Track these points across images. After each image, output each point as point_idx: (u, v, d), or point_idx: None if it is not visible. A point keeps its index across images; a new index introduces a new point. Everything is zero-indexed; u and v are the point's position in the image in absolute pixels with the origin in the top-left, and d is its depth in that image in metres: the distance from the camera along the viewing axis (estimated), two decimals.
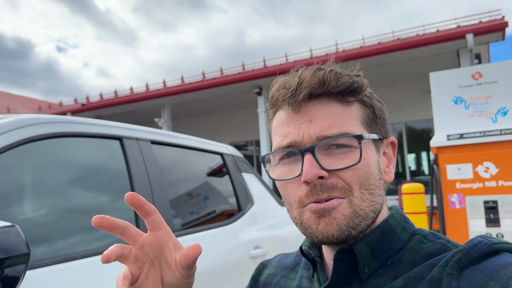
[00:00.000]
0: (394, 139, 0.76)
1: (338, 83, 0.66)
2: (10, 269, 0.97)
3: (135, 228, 0.62)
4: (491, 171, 3.58)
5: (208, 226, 2.28)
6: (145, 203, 0.61)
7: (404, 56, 9.01)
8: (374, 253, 0.67)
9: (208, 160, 2.70)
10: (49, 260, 1.40)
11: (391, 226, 0.71)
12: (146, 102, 12.01)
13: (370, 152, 0.68)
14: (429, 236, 0.69)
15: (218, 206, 2.62)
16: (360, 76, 0.70)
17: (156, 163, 2.08)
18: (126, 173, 1.88)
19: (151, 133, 2.18)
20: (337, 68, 0.69)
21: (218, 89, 11.25)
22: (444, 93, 3.98)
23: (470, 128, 3.78)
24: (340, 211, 0.64)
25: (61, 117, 1.69)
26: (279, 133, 0.70)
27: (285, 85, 0.69)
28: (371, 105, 0.71)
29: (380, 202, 0.69)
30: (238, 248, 2.40)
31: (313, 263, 0.77)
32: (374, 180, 0.67)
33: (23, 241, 1.00)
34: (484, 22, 8.12)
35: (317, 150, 0.65)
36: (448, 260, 0.60)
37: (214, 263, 2.13)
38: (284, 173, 0.69)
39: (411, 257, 0.66)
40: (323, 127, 0.65)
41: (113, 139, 1.90)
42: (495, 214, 3.51)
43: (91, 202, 1.74)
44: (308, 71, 0.67)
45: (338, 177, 0.64)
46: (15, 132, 1.45)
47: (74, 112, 12.79)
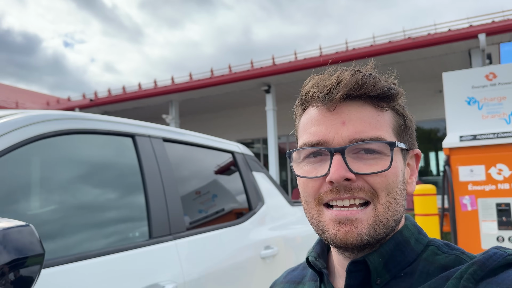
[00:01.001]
0: (419, 152, 0.76)
1: (376, 87, 0.65)
2: (25, 269, 0.95)
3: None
4: (504, 173, 3.54)
5: (218, 226, 2.26)
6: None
7: (415, 55, 8.94)
8: (387, 265, 0.66)
9: (219, 159, 2.67)
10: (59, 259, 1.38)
11: (405, 237, 0.70)
12: (154, 99, 12.03)
13: (399, 161, 0.68)
14: (443, 247, 0.68)
15: (227, 205, 2.60)
16: (395, 84, 0.70)
17: (168, 160, 2.06)
18: (139, 170, 1.86)
19: (164, 130, 2.16)
20: (375, 73, 0.68)
21: (226, 86, 11.24)
22: (457, 94, 3.94)
23: (483, 129, 3.74)
24: (364, 221, 0.63)
25: (73, 113, 1.66)
26: (309, 130, 0.69)
27: (321, 83, 0.68)
28: (403, 114, 0.71)
29: (402, 212, 0.69)
30: (249, 248, 2.38)
31: (320, 275, 0.76)
32: (400, 190, 0.67)
33: (38, 240, 0.98)
34: (497, 22, 8.03)
35: (347, 153, 0.64)
36: (463, 272, 0.59)
37: (225, 263, 2.11)
38: (308, 171, 0.68)
39: (425, 268, 0.65)
40: (357, 129, 0.64)
41: (126, 136, 1.88)
42: (507, 217, 3.48)
43: (104, 199, 1.72)
44: (347, 72, 0.67)
45: (365, 181, 0.64)
46: (27, 128, 1.43)
47: (82, 107, 12.84)
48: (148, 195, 1.83)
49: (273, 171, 11.22)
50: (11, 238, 0.94)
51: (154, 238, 1.77)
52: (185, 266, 1.82)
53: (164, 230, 1.83)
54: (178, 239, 1.89)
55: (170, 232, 1.86)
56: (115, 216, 1.74)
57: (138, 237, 1.75)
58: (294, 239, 2.93)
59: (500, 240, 3.51)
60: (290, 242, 2.88)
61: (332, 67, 0.71)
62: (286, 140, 14.40)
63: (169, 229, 1.86)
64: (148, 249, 1.70)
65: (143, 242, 1.71)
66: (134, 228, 1.79)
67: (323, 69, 0.72)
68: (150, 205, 1.81)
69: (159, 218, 1.83)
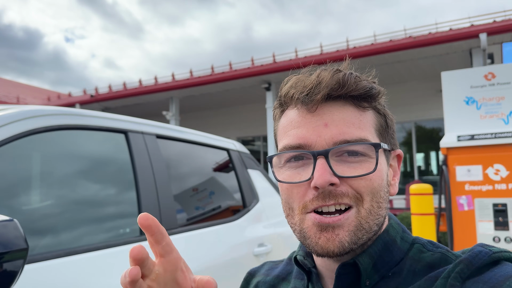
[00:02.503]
0: (400, 152, 0.75)
1: (357, 86, 0.64)
2: (8, 264, 0.95)
3: (151, 260, 0.54)
4: (502, 174, 3.53)
5: (213, 222, 2.26)
6: (160, 225, 0.53)
7: (416, 55, 8.92)
8: (376, 265, 0.66)
9: (214, 156, 2.67)
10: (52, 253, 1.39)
11: (391, 236, 0.69)
12: (154, 95, 12.03)
13: (383, 163, 0.66)
14: (427, 245, 0.68)
15: (224, 202, 2.60)
16: (376, 83, 0.68)
17: (161, 157, 2.06)
18: (131, 167, 1.86)
19: (157, 127, 2.16)
20: (355, 72, 0.66)
21: (227, 83, 11.23)
22: (455, 93, 3.93)
23: (481, 129, 3.73)
24: (346, 227, 0.62)
25: (66, 109, 1.67)
26: (289, 133, 0.66)
27: (300, 84, 0.66)
28: (384, 113, 0.69)
29: (384, 215, 0.67)
30: (242, 245, 2.38)
31: (308, 274, 0.74)
32: (384, 193, 0.66)
33: (22, 235, 0.98)
34: (498, 22, 8.00)
35: (330, 156, 0.62)
36: (451, 271, 0.59)
37: (218, 260, 2.11)
38: (290, 176, 0.66)
39: (412, 267, 0.65)
40: (341, 130, 0.63)
41: (118, 132, 1.88)
42: (504, 218, 3.47)
43: (95, 195, 1.72)
44: (327, 71, 0.65)
45: (349, 186, 0.62)
46: (19, 123, 1.43)
47: (83, 103, 12.85)
48: (140, 192, 1.83)
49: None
50: None
51: (144, 235, 1.77)
52: None
53: None
54: (170, 236, 1.89)
55: None
56: (106, 212, 1.75)
57: (129, 233, 1.76)
58: (289, 237, 2.94)
59: (496, 240, 3.51)
60: (285, 240, 2.88)
61: (309, 67, 0.69)
62: None
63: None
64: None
65: (134, 238, 1.72)
66: (126, 224, 1.79)
67: (313, 68, 0.70)
68: (141, 201, 1.82)
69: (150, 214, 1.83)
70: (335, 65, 0.69)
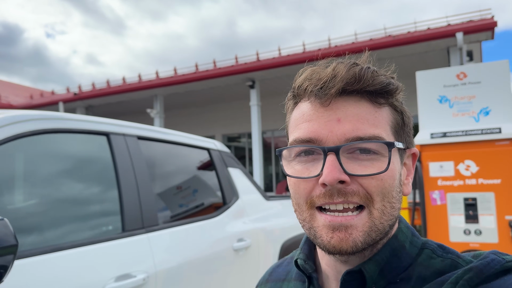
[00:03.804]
0: (416, 151, 0.72)
1: (374, 81, 0.61)
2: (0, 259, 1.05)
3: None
4: (472, 169, 3.66)
5: (194, 219, 2.36)
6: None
7: (396, 53, 9.10)
8: (382, 271, 0.64)
9: (196, 155, 2.77)
10: (38, 250, 1.48)
11: (400, 241, 0.67)
12: (138, 93, 12.02)
13: (396, 162, 0.64)
14: (437, 250, 0.66)
15: (206, 199, 2.71)
16: (394, 78, 0.66)
17: (142, 157, 2.15)
18: (113, 167, 1.96)
19: (138, 128, 2.25)
20: (372, 66, 0.64)
21: (211, 81, 11.29)
22: (429, 92, 4.06)
23: (453, 127, 3.84)
24: (360, 227, 0.60)
25: (50, 113, 1.75)
26: (301, 126, 0.64)
27: (314, 76, 0.64)
28: (401, 111, 0.67)
29: (397, 215, 0.65)
30: (222, 240, 2.49)
31: (309, 278, 0.72)
32: (396, 193, 0.63)
33: (11, 233, 1.07)
34: (474, 21, 8.22)
35: (342, 152, 0.60)
36: (459, 277, 0.57)
37: (199, 254, 2.22)
38: (300, 171, 0.64)
39: (421, 274, 0.63)
40: (354, 127, 0.60)
41: (100, 134, 1.97)
42: (474, 211, 3.59)
43: (79, 195, 1.81)
44: (343, 64, 0.62)
45: (360, 184, 0.60)
46: (6, 128, 1.52)
47: (66, 101, 12.77)
48: (122, 191, 1.93)
49: (257, 165, 11.33)
50: None
51: (126, 231, 1.87)
52: (157, 257, 1.93)
53: (136, 224, 1.94)
54: (151, 232, 1.99)
55: (143, 226, 1.97)
56: (90, 210, 1.84)
57: (112, 231, 1.85)
58: (269, 232, 3.06)
59: (467, 233, 3.65)
60: (265, 235, 3.00)
61: (324, 61, 0.67)
62: (271, 135, 14.52)
63: (142, 223, 1.97)
64: (121, 241, 1.81)
65: (116, 235, 1.81)
66: (108, 222, 1.89)
67: (314, 63, 0.69)
68: (123, 200, 1.91)
69: (132, 212, 1.93)
70: (353, 58, 0.67)
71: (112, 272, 1.68)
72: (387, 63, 0.68)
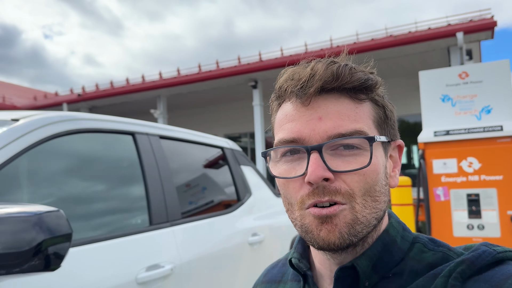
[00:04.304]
0: (401, 142, 0.73)
1: (352, 78, 0.62)
2: (57, 246, 1.16)
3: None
4: (474, 166, 3.76)
5: (210, 214, 2.48)
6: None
7: (397, 53, 9.21)
8: (375, 266, 0.65)
9: (210, 154, 2.89)
10: (77, 241, 1.59)
11: (391, 236, 0.68)
12: (142, 94, 12.13)
13: (379, 156, 0.65)
14: (429, 244, 0.67)
15: (216, 197, 2.82)
16: (374, 74, 0.67)
17: (164, 156, 2.27)
18: (139, 165, 2.08)
19: (160, 128, 2.37)
20: (351, 63, 0.65)
21: (214, 81, 11.39)
22: (432, 91, 4.13)
23: (456, 125, 3.92)
24: (342, 218, 0.61)
25: (81, 114, 1.87)
26: (284, 127, 0.65)
27: (295, 76, 0.65)
28: (382, 105, 0.68)
29: (384, 209, 0.66)
30: (238, 234, 2.61)
31: (304, 276, 0.73)
32: (380, 187, 0.64)
33: (66, 222, 1.19)
34: (474, 21, 8.34)
35: (325, 150, 0.61)
36: (452, 270, 0.58)
37: (216, 247, 2.34)
38: (286, 171, 0.65)
39: (413, 268, 0.64)
40: (336, 124, 0.61)
41: (127, 134, 2.09)
42: (477, 207, 3.69)
43: (110, 191, 1.93)
44: (321, 63, 0.63)
45: (343, 181, 0.61)
46: (43, 129, 1.63)
47: (70, 102, 12.88)
48: (148, 187, 2.05)
49: (260, 165, 11.45)
50: (45, 221, 1.14)
51: (153, 225, 1.99)
52: (181, 249, 2.05)
53: (162, 217, 2.05)
54: (175, 226, 2.11)
55: (167, 220, 2.08)
56: (120, 205, 1.96)
57: (140, 224, 1.97)
58: (279, 228, 3.18)
59: (470, 228, 3.75)
60: (276, 230, 3.12)
61: (308, 60, 0.68)
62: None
63: (166, 217, 2.08)
64: (149, 234, 1.92)
65: (144, 228, 1.93)
66: (136, 216, 2.00)
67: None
68: (149, 195, 2.03)
69: (157, 207, 2.05)
70: (343, 57, 0.68)
71: (142, 263, 1.79)
72: (370, 62, 0.69)
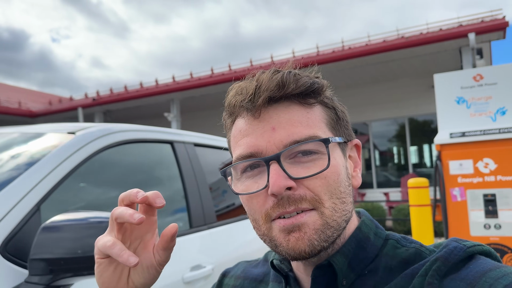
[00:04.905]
0: (358, 141, 0.73)
1: (297, 84, 0.63)
2: None
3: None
4: (490, 167, 3.82)
5: (240, 217, 2.62)
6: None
7: (408, 54, 9.25)
8: (351, 264, 0.65)
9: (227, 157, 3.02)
10: None
11: (364, 233, 0.69)
12: (155, 97, 12.26)
13: (338, 157, 0.65)
14: (401, 240, 0.68)
15: (237, 199, 2.95)
16: (319, 77, 0.68)
17: (199, 162, 2.41)
18: (178, 172, 2.22)
19: (193, 136, 2.52)
20: (295, 70, 0.66)
21: (227, 84, 11.50)
22: (447, 94, 4.20)
23: (471, 127, 3.99)
24: (311, 225, 0.60)
25: (128, 126, 2.02)
26: (240, 143, 0.65)
27: (243, 91, 0.65)
28: (333, 106, 0.68)
29: (351, 209, 0.66)
30: None
31: (285, 278, 0.73)
32: (344, 188, 0.64)
33: None
34: (486, 22, 8.38)
35: (283, 159, 0.61)
36: (428, 269, 0.59)
37: (250, 247, 2.47)
38: (248, 186, 0.64)
39: (387, 264, 0.65)
40: (289, 132, 0.61)
41: (167, 143, 2.24)
42: (493, 206, 3.76)
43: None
44: (265, 74, 0.64)
45: (306, 188, 0.61)
46: (100, 140, 1.78)
47: (85, 106, 13.08)
48: (187, 192, 2.19)
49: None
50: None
51: (193, 228, 2.13)
52: (219, 250, 2.19)
53: (200, 221, 2.19)
54: (211, 229, 2.25)
55: (205, 223, 2.22)
56: (166, 209, 2.11)
57: (182, 227, 2.11)
58: None
59: (487, 227, 3.82)
60: None
61: (254, 72, 0.68)
62: None
63: (204, 220, 2.22)
64: (190, 236, 2.06)
65: (186, 231, 2.07)
66: (179, 219, 2.15)
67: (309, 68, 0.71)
68: (189, 200, 2.17)
69: (196, 211, 2.19)
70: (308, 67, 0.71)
71: (187, 263, 1.93)
72: (313, 68, 0.71)
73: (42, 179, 1.44)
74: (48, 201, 1.45)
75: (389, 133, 12.71)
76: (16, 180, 1.41)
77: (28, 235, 1.33)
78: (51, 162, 1.51)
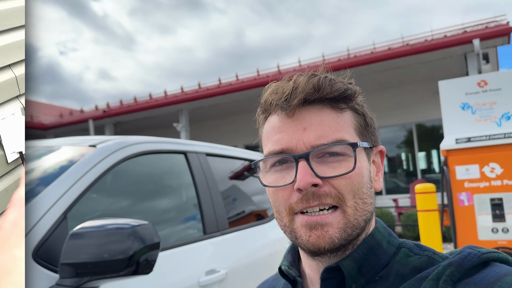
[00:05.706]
0: (383, 148, 0.76)
1: (332, 89, 0.66)
2: (148, 254, 1.38)
3: None
4: (496, 171, 3.86)
5: (252, 224, 2.71)
6: None
7: (413, 61, 9.30)
8: (361, 269, 0.66)
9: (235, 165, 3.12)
10: None
11: (377, 240, 0.70)
12: (164, 108, 12.40)
13: (363, 161, 0.68)
14: (414, 248, 0.69)
15: (247, 207, 3.04)
16: (352, 84, 0.71)
17: (211, 171, 2.51)
18: (192, 181, 2.32)
19: (205, 146, 2.62)
20: (330, 75, 0.69)
21: (234, 94, 11.63)
22: (452, 100, 4.25)
23: (477, 132, 4.03)
24: (335, 224, 0.63)
25: (144, 138, 2.13)
26: (272, 139, 0.69)
27: (279, 90, 0.69)
28: (362, 113, 0.71)
29: (371, 211, 0.69)
30: (277, 242, 2.82)
31: (293, 283, 0.75)
32: (366, 189, 0.67)
33: (155, 233, 1.42)
34: (490, 28, 8.43)
35: (311, 158, 0.64)
36: (440, 273, 0.59)
37: (262, 253, 2.56)
38: (276, 180, 0.68)
39: (399, 271, 0.65)
40: (318, 134, 0.65)
41: (180, 153, 2.34)
42: (500, 210, 3.80)
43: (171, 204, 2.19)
44: (303, 76, 0.68)
45: (331, 185, 0.64)
46: (119, 152, 1.89)
47: (96, 118, 13.27)
48: (201, 200, 2.29)
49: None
50: (138, 232, 1.37)
51: (207, 234, 2.22)
52: (232, 256, 2.28)
53: (213, 227, 2.29)
54: (224, 235, 2.34)
55: (218, 229, 2.32)
56: (180, 217, 2.21)
57: (196, 233, 2.21)
58: None
59: (494, 231, 3.84)
60: None
61: (290, 74, 0.73)
62: None
63: (217, 227, 2.32)
64: (204, 242, 2.16)
65: (200, 237, 2.17)
66: (193, 226, 2.25)
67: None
68: (202, 207, 2.27)
69: (209, 218, 2.29)
70: (335, 71, 0.74)
71: (202, 268, 2.03)
72: (347, 74, 0.73)
73: (68, 189, 1.55)
74: (74, 210, 1.56)
75: (397, 139, 12.72)
76: (45, 190, 1.52)
77: (56, 241, 1.44)
78: (76, 173, 1.63)
